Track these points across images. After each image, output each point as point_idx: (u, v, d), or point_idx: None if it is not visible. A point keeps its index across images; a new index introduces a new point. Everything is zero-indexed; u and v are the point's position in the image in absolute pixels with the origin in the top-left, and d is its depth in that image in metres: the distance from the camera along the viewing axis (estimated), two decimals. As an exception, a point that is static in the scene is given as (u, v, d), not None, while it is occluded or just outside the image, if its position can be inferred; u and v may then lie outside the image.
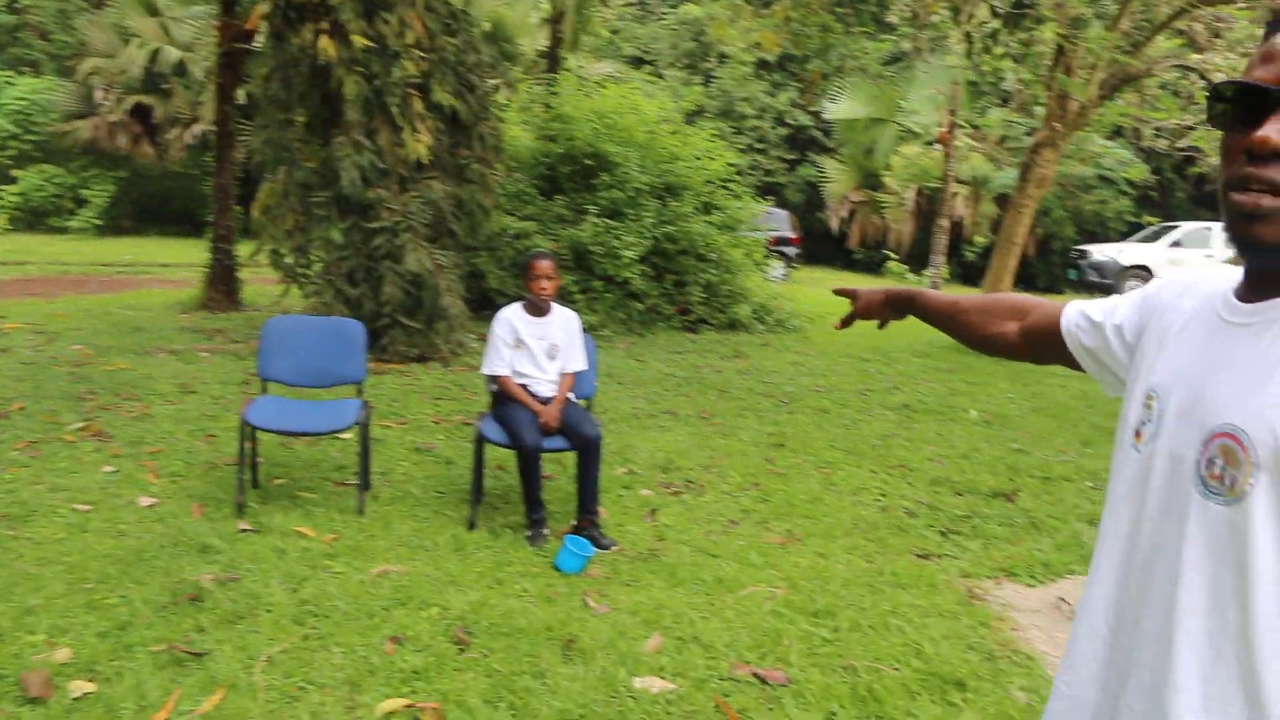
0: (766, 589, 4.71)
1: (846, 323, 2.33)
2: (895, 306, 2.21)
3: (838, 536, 5.53)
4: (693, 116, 22.27)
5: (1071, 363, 1.66)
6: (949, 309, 2.00)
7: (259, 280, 14.22)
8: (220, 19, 13.11)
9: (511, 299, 10.43)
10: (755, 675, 3.84)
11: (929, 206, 24.58)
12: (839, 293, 2.42)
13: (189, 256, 19.74)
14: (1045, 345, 1.72)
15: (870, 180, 27.35)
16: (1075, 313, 1.64)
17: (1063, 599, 4.89)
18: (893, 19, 14.62)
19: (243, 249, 12.91)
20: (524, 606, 4.35)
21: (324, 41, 8.69)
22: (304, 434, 5.76)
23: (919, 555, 5.33)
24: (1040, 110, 13.31)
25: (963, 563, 5.26)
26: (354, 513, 5.46)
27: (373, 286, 9.27)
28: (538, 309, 5.57)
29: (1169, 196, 24.99)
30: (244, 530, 5.09)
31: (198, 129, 25.21)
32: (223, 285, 13.13)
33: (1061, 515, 6.07)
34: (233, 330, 11.25)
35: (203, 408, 7.61)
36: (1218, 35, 11.20)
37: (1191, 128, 12.26)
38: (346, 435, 6.49)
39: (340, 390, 6.25)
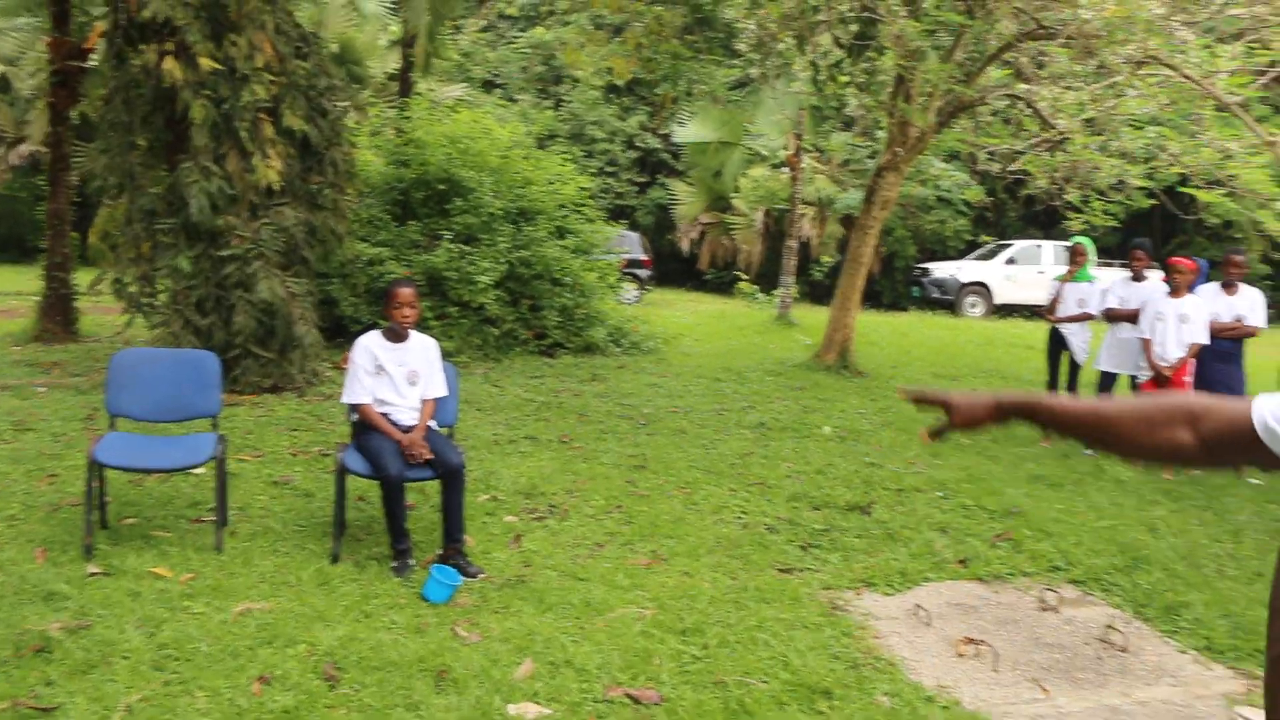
0: (635, 610, 4.78)
1: (937, 435, 2.01)
2: (1008, 413, 1.92)
3: (702, 555, 5.64)
4: (544, 141, 22.33)
5: (1267, 461, 1.57)
6: (1092, 418, 1.78)
7: (98, 310, 13.66)
8: (52, 35, 12.59)
9: (366, 326, 10.30)
10: (629, 696, 3.90)
11: (777, 227, 25.15)
12: (919, 400, 2.05)
13: (18, 284, 18.81)
14: (1234, 448, 1.61)
15: (720, 202, 27.82)
16: (1271, 410, 1.56)
17: (920, 606, 5.10)
18: (740, 46, 14.95)
19: (81, 277, 12.41)
20: (394, 639, 4.32)
21: (169, 63, 8.47)
22: (157, 471, 5.60)
23: (781, 570, 5.48)
24: (882, 135, 13.80)
25: (824, 575, 5.43)
26: (212, 550, 5.33)
27: (223, 316, 9.04)
28: (397, 336, 5.55)
29: (1002, 216, 26.12)
30: (94, 574, 4.90)
31: (24, 149, 24.05)
32: (58, 315, 12.58)
33: (915, 525, 6.32)
34: (71, 363, 10.81)
35: (42, 446, 7.29)
36: (1041, 67, 11.79)
37: (1021, 152, 12.84)
38: (200, 470, 6.33)
39: (192, 424, 6.09)
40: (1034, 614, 5.24)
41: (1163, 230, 23.77)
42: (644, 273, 23.28)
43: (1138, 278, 8.74)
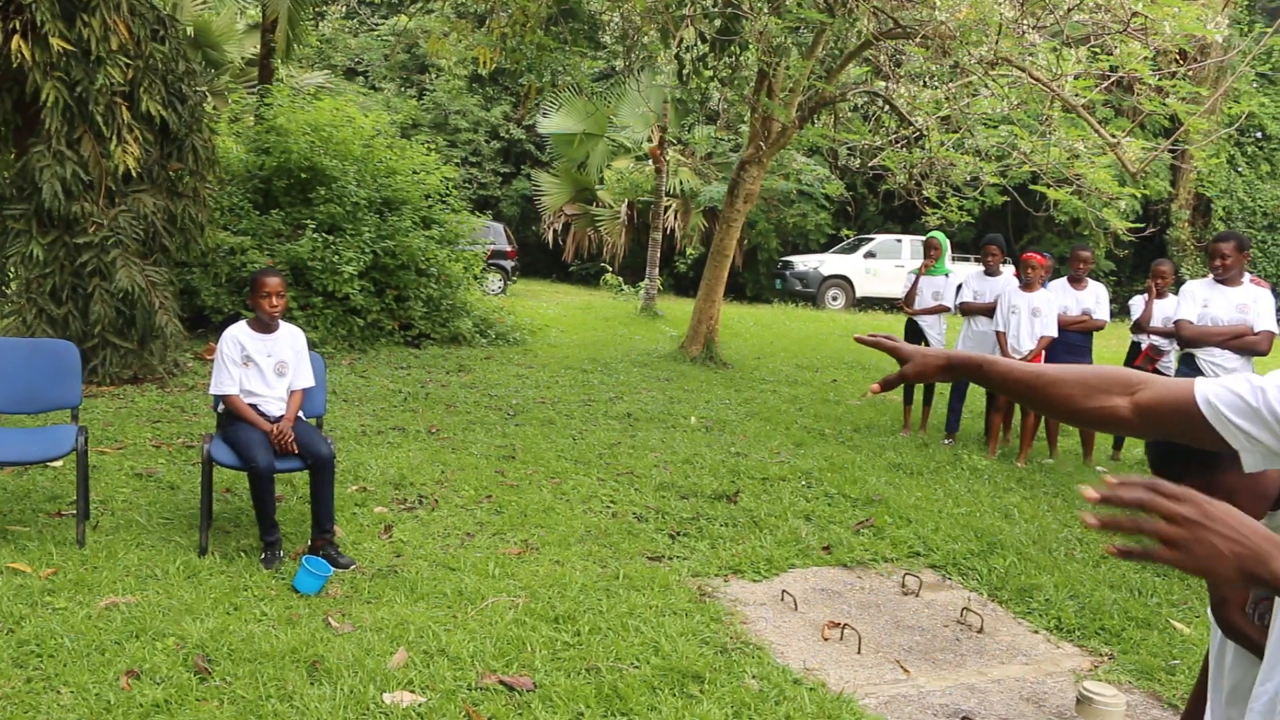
0: (507, 599, 4.78)
1: (888, 385, 2.09)
2: (958, 372, 2.04)
3: (572, 544, 5.66)
4: (408, 130, 22.00)
5: (1202, 437, 1.65)
6: (1031, 379, 1.85)
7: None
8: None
9: (228, 317, 10.02)
10: (503, 683, 3.90)
11: (642, 220, 25.28)
12: (868, 343, 2.18)
13: None
14: (1169, 420, 1.69)
15: (585, 194, 27.84)
16: (1212, 391, 1.62)
17: (785, 591, 5.21)
18: (605, 38, 14.99)
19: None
20: (265, 630, 4.24)
21: (17, 43, 8.07)
22: (14, 464, 5.36)
23: (651, 558, 5.54)
24: (745, 129, 13.99)
25: (692, 563, 5.50)
26: (74, 544, 5.13)
27: (80, 305, 8.68)
28: (265, 326, 5.43)
29: (863, 210, 26.73)
30: (-57, 571, 4.69)
31: None
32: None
33: (780, 513, 6.45)
34: (-94, 353, 10.25)
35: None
36: (899, 66, 12.11)
37: (880, 148, 13.17)
38: (58, 464, 6.08)
39: (49, 416, 5.84)
40: (895, 598, 5.40)
41: (1015, 226, 24.65)
42: (509, 264, 23.18)
43: (991, 272, 9.06)
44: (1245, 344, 6.52)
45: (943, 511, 6.79)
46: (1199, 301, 6.68)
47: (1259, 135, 24.97)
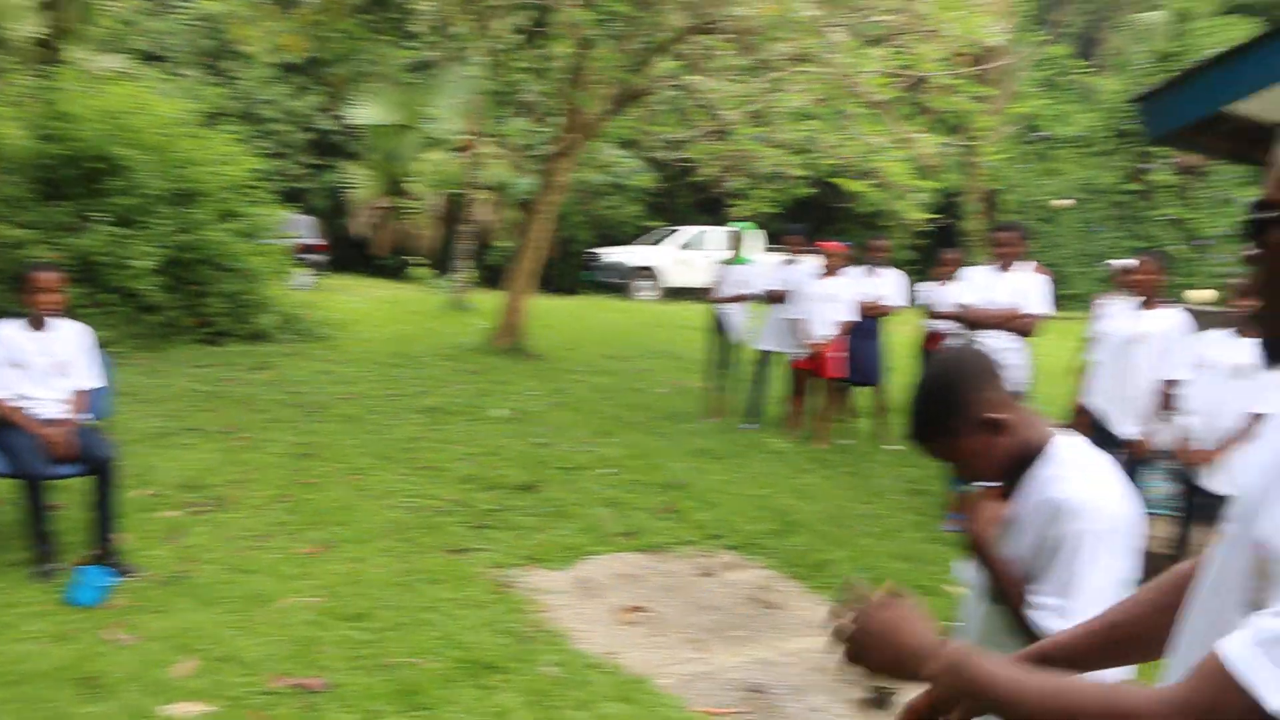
0: (302, 599, 4.67)
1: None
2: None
3: (371, 540, 5.57)
4: (212, 119, 21.18)
5: None
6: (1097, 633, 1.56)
7: None
8: None
9: (6, 314, 9.43)
10: (296, 685, 3.82)
11: (454, 212, 25.00)
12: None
13: None
14: None
15: (396, 186, 27.33)
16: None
17: (586, 579, 5.25)
18: (417, 28, 14.77)
19: None
20: (38, 649, 4.02)
21: None
22: None
23: (451, 551, 5.49)
24: (557, 121, 13.98)
25: (494, 554, 5.49)
26: None
27: None
28: (39, 323, 5.15)
29: (674, 202, 27.06)
30: None
31: None
32: None
33: (583, 502, 6.49)
34: None
35: None
36: (708, 60, 12.31)
37: (689, 141, 13.36)
38: None
39: None
40: (695, 579, 5.51)
41: (821, 217, 25.38)
42: (318, 258, 22.57)
43: (793, 261, 9.32)
44: (1017, 325, 6.89)
45: (742, 494, 6.97)
46: (980, 286, 7.02)
47: (1041, 135, 26.39)
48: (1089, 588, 1.87)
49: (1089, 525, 1.88)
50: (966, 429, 1.95)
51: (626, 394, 10.42)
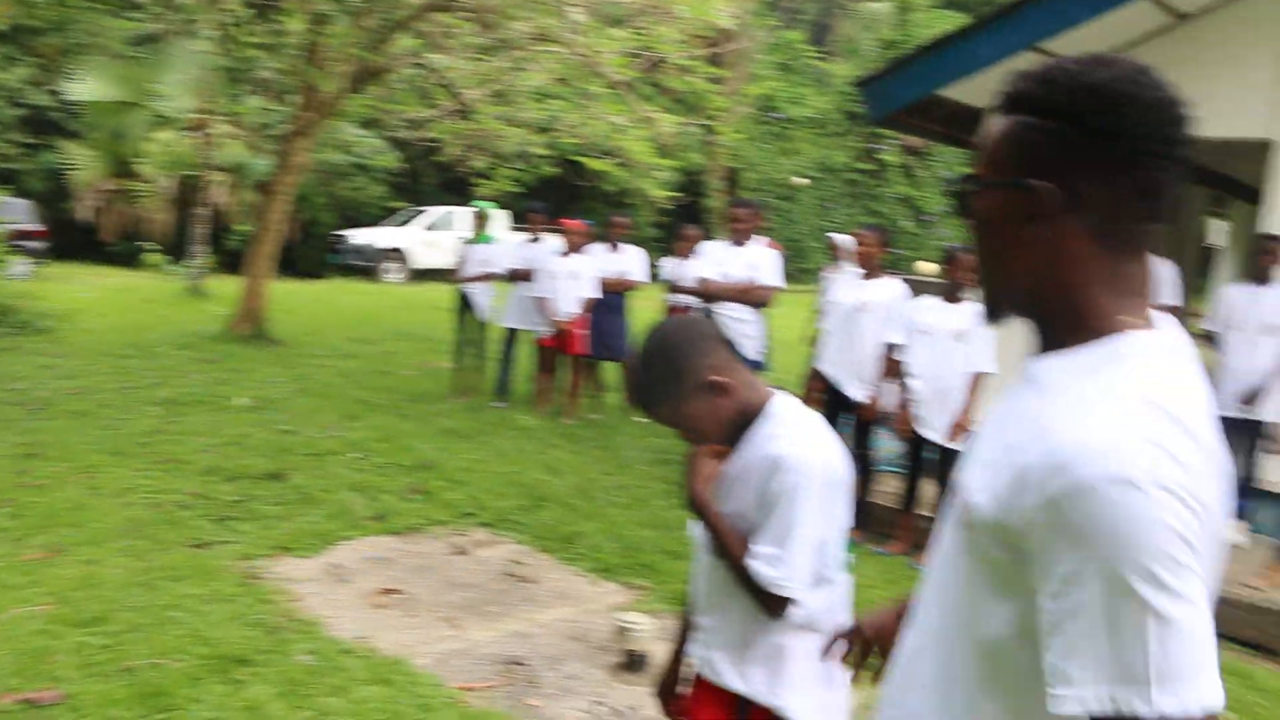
0: (29, 609, 4.41)
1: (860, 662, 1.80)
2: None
3: (107, 541, 5.30)
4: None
5: None
6: None
7: None
8: None
9: None
10: (24, 700, 3.61)
11: (187, 195, 23.82)
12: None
13: None
14: None
15: (123, 167, 25.78)
16: None
17: (337, 564, 5.19)
18: (142, -1, 13.96)
19: None
20: None
21: None
22: None
23: (195, 545, 5.31)
24: (294, 99, 13.54)
25: (240, 546, 5.34)
26: None
27: None
28: None
29: (419, 182, 26.64)
30: None
31: None
32: None
33: (331, 487, 6.39)
34: None
35: None
36: (447, 38, 12.19)
37: (431, 120, 13.22)
38: None
39: None
40: (447, 559, 5.54)
41: (568, 196, 25.58)
42: (36, 244, 21.07)
43: (535, 239, 9.41)
44: (752, 297, 7.23)
45: (492, 471, 7.03)
46: (716, 261, 7.30)
47: (778, 116, 27.46)
48: (803, 537, 2.02)
49: (803, 479, 2.02)
50: (690, 393, 2.06)
51: (373, 377, 10.27)
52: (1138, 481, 1.03)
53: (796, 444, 2.05)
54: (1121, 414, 1.08)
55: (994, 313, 1.32)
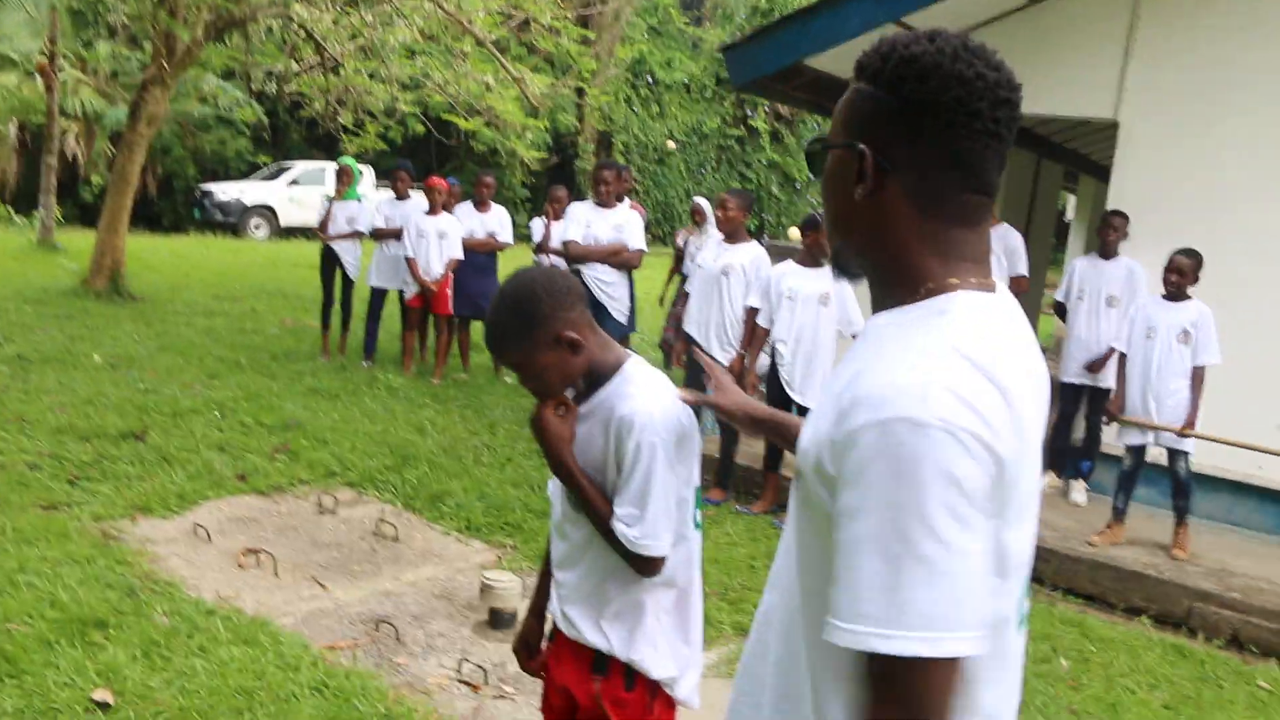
0: None
1: (695, 402, 2.17)
2: (764, 428, 2.13)
3: (-53, 505, 5.11)
4: None
5: None
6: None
7: None
8: None
9: None
10: None
11: (36, 144, 22.78)
12: (691, 402, 2.18)
13: None
14: None
15: (-37, 113, 24.52)
16: None
17: (199, 524, 5.11)
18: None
19: None
20: None
21: None
22: None
23: (46, 507, 5.15)
24: (150, 47, 13.05)
25: (95, 507, 5.21)
26: None
27: None
28: None
29: (284, 137, 25.95)
30: None
31: None
32: None
33: (193, 447, 6.26)
34: None
35: None
36: (314, -11, 11.89)
37: (298, 74, 12.89)
38: None
39: None
40: (313, 518, 5.50)
41: (438, 155, 25.23)
42: None
43: (401, 197, 9.28)
44: (621, 260, 7.29)
45: (359, 431, 6.98)
46: (583, 223, 7.34)
47: (650, 79, 27.47)
48: (661, 495, 2.08)
49: (654, 437, 2.07)
50: (542, 343, 2.10)
51: (237, 335, 10.04)
52: (926, 424, 1.07)
53: (646, 404, 2.09)
54: (928, 361, 1.13)
55: (840, 269, 1.39)
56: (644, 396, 2.11)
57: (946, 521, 1.06)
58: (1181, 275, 5.70)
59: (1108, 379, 6.48)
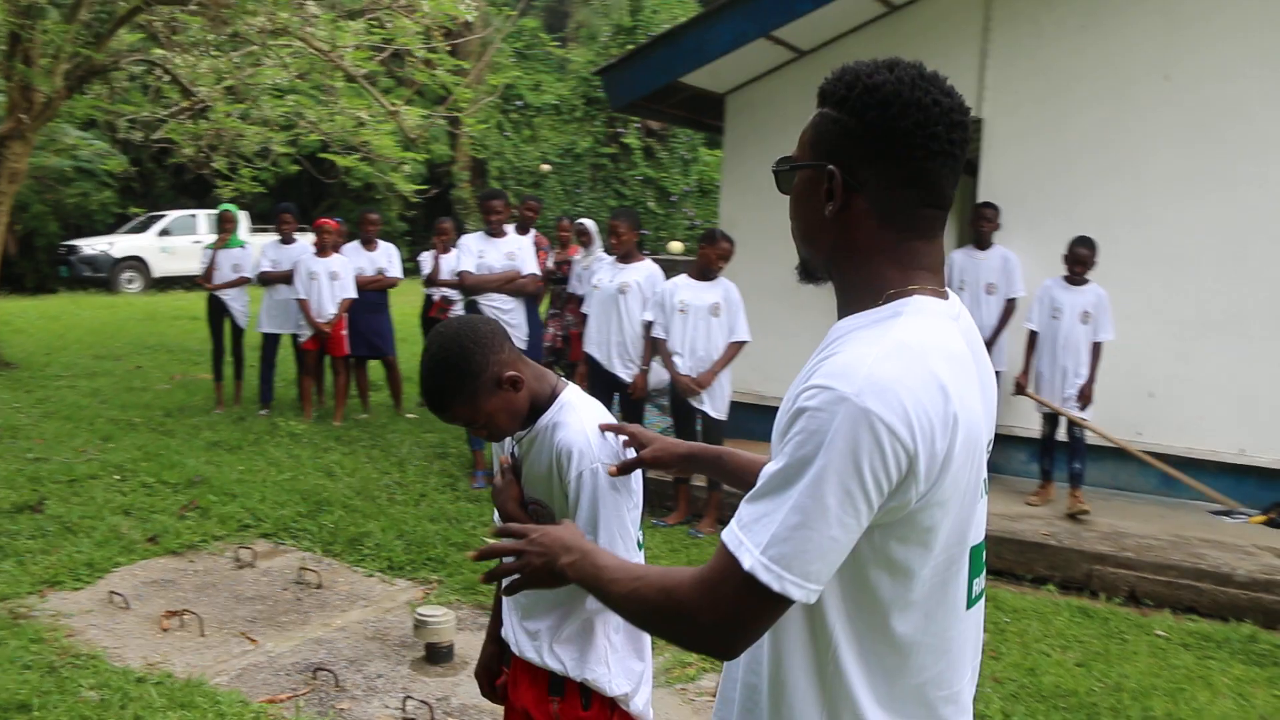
0: None
1: (624, 470, 2.09)
2: (697, 463, 2.08)
3: None
4: None
5: None
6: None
7: None
8: None
9: None
10: None
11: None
12: (609, 428, 2.15)
13: None
14: None
15: None
16: None
17: (114, 592, 4.97)
18: None
19: None
20: None
21: None
22: None
23: (-54, 590, 4.96)
24: (4, 101, 12.62)
25: (-1, 586, 5.02)
26: None
27: None
28: None
29: (152, 186, 25.27)
30: None
31: None
32: None
33: (95, 513, 6.07)
34: None
35: None
36: (176, 33, 11.62)
37: (164, 120, 12.59)
38: None
39: None
40: (232, 574, 5.40)
41: (312, 194, 24.83)
42: None
43: (287, 240, 9.15)
44: (517, 287, 7.31)
45: (267, 480, 6.86)
46: (475, 253, 7.33)
47: (520, 104, 27.47)
48: (609, 517, 2.12)
49: (595, 464, 2.11)
50: (485, 392, 2.12)
51: (125, 394, 9.75)
52: (855, 409, 1.21)
53: (583, 432, 2.13)
54: (877, 352, 1.26)
55: (807, 276, 1.50)
56: (582, 424, 2.14)
57: (836, 493, 1.22)
58: (1082, 264, 6.39)
59: (1000, 362, 6.83)
